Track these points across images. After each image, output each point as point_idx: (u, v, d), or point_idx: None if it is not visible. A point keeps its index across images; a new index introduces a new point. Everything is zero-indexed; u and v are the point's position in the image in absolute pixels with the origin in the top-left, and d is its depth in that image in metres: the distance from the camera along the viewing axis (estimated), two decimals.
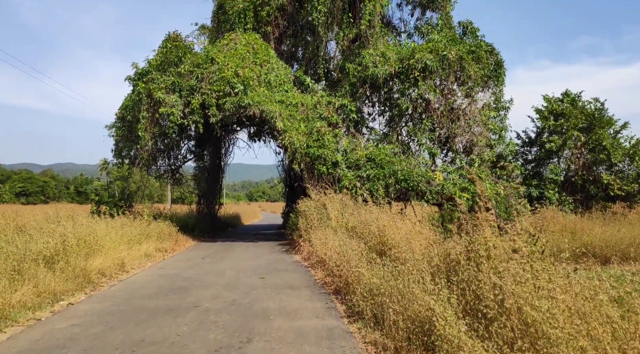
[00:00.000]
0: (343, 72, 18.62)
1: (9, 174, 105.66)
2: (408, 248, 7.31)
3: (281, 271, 10.25)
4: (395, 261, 6.86)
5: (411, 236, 8.25)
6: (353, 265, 7.28)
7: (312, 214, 13.30)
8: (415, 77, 17.13)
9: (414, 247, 7.30)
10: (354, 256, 7.64)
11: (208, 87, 16.48)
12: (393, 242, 8.14)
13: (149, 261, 12.25)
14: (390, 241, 8.21)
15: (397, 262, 6.79)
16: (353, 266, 7.24)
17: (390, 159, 16.39)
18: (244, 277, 9.51)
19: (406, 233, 8.41)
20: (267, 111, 16.30)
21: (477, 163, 17.59)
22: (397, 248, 7.90)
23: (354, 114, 17.92)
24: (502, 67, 19.76)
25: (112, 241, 11.13)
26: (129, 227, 13.23)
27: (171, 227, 16.44)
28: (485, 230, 5.56)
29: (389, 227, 8.72)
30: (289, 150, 16.38)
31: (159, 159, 20.67)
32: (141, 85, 16.57)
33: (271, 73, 17.83)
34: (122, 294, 7.96)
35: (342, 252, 8.35)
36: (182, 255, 13.93)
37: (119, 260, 10.76)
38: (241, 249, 15.25)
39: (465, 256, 5.54)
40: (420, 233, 8.58)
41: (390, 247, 8.21)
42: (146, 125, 16.55)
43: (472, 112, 18.77)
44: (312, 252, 11.24)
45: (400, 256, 7.22)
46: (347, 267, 7.62)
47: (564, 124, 24.61)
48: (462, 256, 5.47)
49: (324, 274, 8.97)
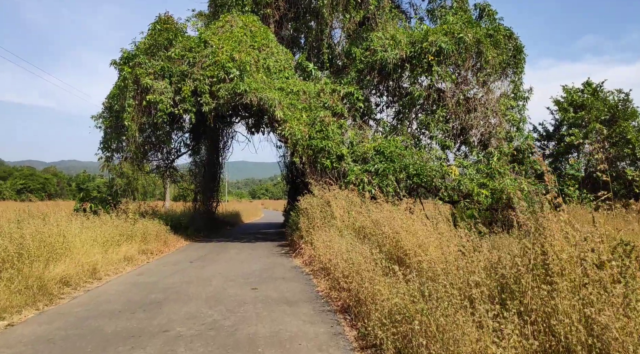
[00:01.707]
0: (349, 57, 17.05)
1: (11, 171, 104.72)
2: (437, 257, 5.78)
3: (278, 279, 8.73)
4: (421, 274, 5.33)
5: (431, 240, 6.72)
6: (366, 278, 5.75)
7: (315, 213, 11.79)
8: (429, 62, 15.55)
9: (444, 256, 5.76)
10: (366, 266, 6.10)
11: (200, 72, 14.97)
12: (413, 247, 6.60)
13: (129, 265, 10.76)
14: (409, 246, 6.67)
15: (423, 275, 5.26)
16: (366, 279, 5.71)
17: (401, 152, 14.84)
18: (233, 287, 7.99)
19: (426, 235, 6.88)
20: (265, 99, 14.78)
21: (496, 157, 15.99)
22: (419, 256, 6.38)
23: (360, 103, 16.36)
24: (522, 53, 18.15)
25: (83, 243, 9.63)
26: (109, 227, 11.75)
27: (160, 226, 14.94)
28: (555, 234, 4.00)
29: (406, 228, 7.18)
30: (290, 142, 14.85)
31: (150, 152, 19.17)
32: (127, 70, 15.06)
33: (270, 58, 16.30)
34: (79, 311, 6.46)
35: (350, 259, 6.82)
36: (168, 258, 12.43)
37: (91, 265, 9.26)
38: (235, 251, 13.75)
39: (527, 271, 3.99)
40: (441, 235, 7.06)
41: (408, 254, 6.68)
42: (133, 114, 15.05)
43: (490, 101, 17.18)
44: (315, 256, 9.71)
45: (425, 267, 5.69)
46: (358, 279, 6.10)
47: (584, 116, 23.03)
48: (525, 271, 3.91)
49: (329, 285, 7.44)
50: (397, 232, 7.12)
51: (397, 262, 6.54)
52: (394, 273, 5.71)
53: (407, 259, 6.71)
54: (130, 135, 15.07)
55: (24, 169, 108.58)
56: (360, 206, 11.90)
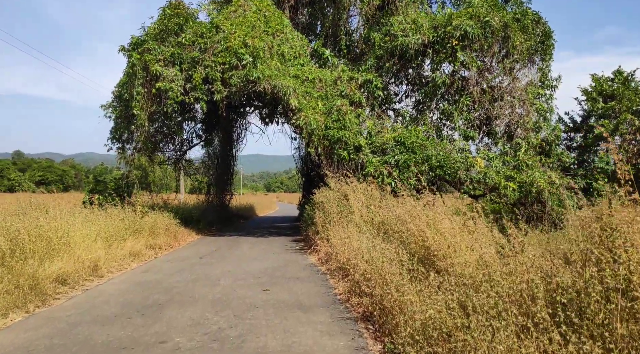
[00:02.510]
0: (367, 43, 16.18)
1: (29, 163, 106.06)
2: (472, 260, 5.01)
3: (291, 279, 8.02)
4: (456, 280, 4.56)
5: (463, 239, 5.94)
6: (391, 283, 5.00)
7: (332, 207, 11.05)
8: (453, 47, 14.63)
9: (482, 259, 4.99)
10: (391, 269, 5.35)
11: (212, 59, 14.27)
12: (442, 248, 5.82)
13: (135, 261, 10.17)
14: (438, 246, 5.89)
15: (461, 283, 4.50)
16: (391, 284, 4.96)
17: (423, 143, 14.00)
18: (243, 288, 7.31)
19: (456, 233, 6.10)
20: (279, 86, 14.03)
21: (523, 148, 15.06)
22: (449, 257, 5.61)
23: (379, 91, 15.52)
24: (551, 38, 17.10)
25: (84, 238, 9.04)
26: (115, 220, 11.17)
27: (170, 219, 14.36)
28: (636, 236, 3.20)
29: (433, 226, 6.40)
30: (305, 132, 14.11)
31: (161, 143, 18.60)
32: (135, 56, 14.43)
33: (285, 44, 15.53)
34: (72, 315, 5.83)
35: (372, 259, 6.07)
36: (177, 253, 11.83)
37: (92, 262, 8.67)
38: (248, 246, 13.09)
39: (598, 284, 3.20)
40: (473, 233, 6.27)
41: (436, 255, 5.91)
42: (142, 102, 14.44)
43: (516, 90, 16.20)
44: (332, 254, 8.98)
45: (460, 271, 4.93)
46: (382, 283, 5.35)
47: (615, 106, 21.84)
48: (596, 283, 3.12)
49: (347, 287, 6.70)
50: (423, 230, 6.34)
51: (424, 265, 5.77)
52: (425, 277, 4.97)
53: (436, 260, 5.94)
54: (140, 124, 14.46)
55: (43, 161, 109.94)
56: (380, 200, 11.15)
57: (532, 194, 13.35)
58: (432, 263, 6.01)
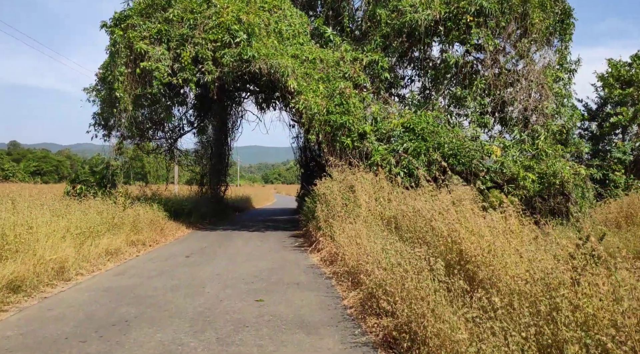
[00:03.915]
0: (373, 20, 14.83)
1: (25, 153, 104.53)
2: (527, 273, 3.78)
3: (290, 285, 6.79)
4: (520, 304, 3.34)
5: (509, 241, 4.72)
6: (422, 301, 3.77)
7: (335, 199, 9.81)
8: (468, 23, 13.32)
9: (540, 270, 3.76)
10: (419, 282, 4.12)
11: (202, 36, 12.96)
12: (483, 252, 4.59)
13: (112, 261, 8.93)
14: (476, 251, 4.66)
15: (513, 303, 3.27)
16: (422, 302, 3.73)
17: (435, 129, 12.74)
18: (232, 297, 6.07)
19: (498, 234, 4.87)
20: (276, 66, 12.73)
21: (543, 135, 13.81)
22: (492, 266, 4.40)
23: (386, 73, 14.22)
24: (571, 17, 15.80)
25: (49, 235, 7.77)
26: (91, 213, 9.91)
27: (157, 212, 13.11)
28: None
29: (465, 225, 5.16)
30: (305, 117, 12.83)
31: (150, 130, 17.29)
32: (118, 32, 13.09)
33: (283, 21, 14.20)
34: (11, 337, 4.59)
35: (391, 266, 4.83)
36: (162, 250, 10.60)
37: (58, 262, 7.43)
38: (241, 242, 11.86)
39: None
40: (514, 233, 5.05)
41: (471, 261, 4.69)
42: (126, 84, 13.13)
43: (534, 73, 14.90)
44: (337, 254, 7.76)
45: (516, 289, 3.71)
46: (407, 298, 4.13)
47: (633, 92, 20.59)
48: None
49: (360, 299, 5.47)
50: (456, 229, 5.10)
51: (454, 272, 4.55)
52: (466, 293, 3.75)
53: (471, 267, 4.72)
54: (123, 108, 13.15)
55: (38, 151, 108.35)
56: (389, 192, 9.93)
57: (555, 185, 12.13)
58: (465, 271, 4.79)
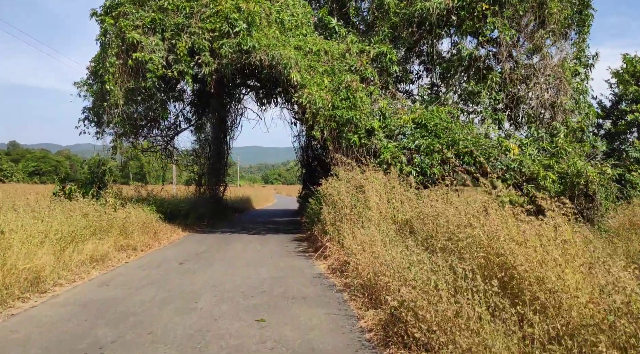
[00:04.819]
0: (380, 10, 13.97)
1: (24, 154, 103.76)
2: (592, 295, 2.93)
3: (296, 300, 5.91)
4: None
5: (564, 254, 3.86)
6: (467, 332, 2.92)
7: (343, 201, 8.94)
8: (483, 12, 12.47)
9: None
10: (452, 299, 3.26)
11: (199, 25, 12.12)
12: (534, 267, 3.74)
13: (97, 268, 8.07)
14: (526, 266, 3.80)
15: None
16: (468, 334, 2.88)
17: (448, 125, 11.89)
18: (228, 315, 5.21)
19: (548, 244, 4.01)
20: (278, 58, 11.89)
21: (562, 133, 12.96)
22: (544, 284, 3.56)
23: (394, 66, 13.36)
24: (589, 7, 14.94)
25: (24, 242, 6.91)
26: (76, 216, 9.05)
27: (150, 214, 12.24)
28: None
29: (507, 233, 4.30)
30: (309, 112, 11.97)
31: (144, 127, 16.42)
32: (109, 21, 12.23)
33: (285, 11, 13.35)
34: None
35: (422, 284, 3.97)
36: (155, 255, 9.74)
37: (34, 272, 6.57)
38: (241, 247, 11.00)
39: None
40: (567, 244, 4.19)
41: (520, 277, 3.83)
42: (117, 76, 12.27)
43: (551, 67, 14.05)
44: (347, 263, 6.90)
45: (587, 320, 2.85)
46: (445, 324, 3.28)
47: None
48: None
49: (381, 322, 4.59)
50: (496, 238, 4.23)
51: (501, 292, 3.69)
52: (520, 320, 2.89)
53: (517, 284, 3.87)
54: (114, 102, 12.29)
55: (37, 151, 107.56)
56: (401, 192, 9.09)
57: (579, 186, 11.27)
58: (512, 290, 3.93)
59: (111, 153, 15.47)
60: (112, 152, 15.56)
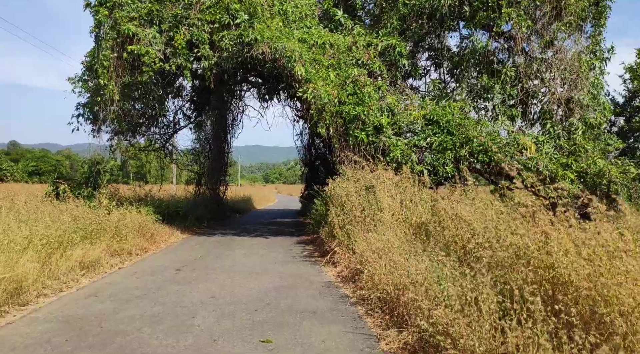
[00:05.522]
0: (388, 1, 13.31)
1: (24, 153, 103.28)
2: None
3: (306, 315, 5.27)
4: None
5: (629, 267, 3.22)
6: None
7: (353, 202, 8.31)
8: (498, 2, 11.82)
9: None
10: (498, 323, 2.63)
11: (198, 16, 11.48)
12: (594, 282, 3.10)
13: (86, 276, 7.44)
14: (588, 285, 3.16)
15: None
16: None
17: (462, 122, 11.24)
18: (230, 334, 4.57)
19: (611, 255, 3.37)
20: (281, 51, 11.25)
21: (580, 130, 12.30)
22: (605, 302, 2.91)
23: (404, 60, 12.72)
24: None
25: (6, 247, 6.27)
26: (65, 219, 8.42)
27: (147, 216, 11.61)
28: None
29: (562, 241, 3.65)
30: (314, 107, 11.33)
31: (142, 124, 15.79)
32: (103, 12, 11.59)
33: (288, 2, 12.74)
34: None
35: (462, 305, 3.33)
36: (150, 261, 9.10)
37: (15, 281, 5.93)
38: (242, 252, 10.35)
39: None
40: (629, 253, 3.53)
41: (576, 294, 3.19)
42: (112, 71, 11.65)
43: (566, 60, 13.38)
44: (360, 271, 6.25)
45: None
46: None
47: None
48: None
49: (404, 343, 3.96)
50: (545, 247, 3.59)
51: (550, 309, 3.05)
52: None
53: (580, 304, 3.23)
54: (109, 98, 11.66)
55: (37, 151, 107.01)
56: (414, 193, 8.46)
57: (602, 186, 10.63)
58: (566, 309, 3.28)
59: (109, 152, 14.92)
60: (110, 150, 14.99)
